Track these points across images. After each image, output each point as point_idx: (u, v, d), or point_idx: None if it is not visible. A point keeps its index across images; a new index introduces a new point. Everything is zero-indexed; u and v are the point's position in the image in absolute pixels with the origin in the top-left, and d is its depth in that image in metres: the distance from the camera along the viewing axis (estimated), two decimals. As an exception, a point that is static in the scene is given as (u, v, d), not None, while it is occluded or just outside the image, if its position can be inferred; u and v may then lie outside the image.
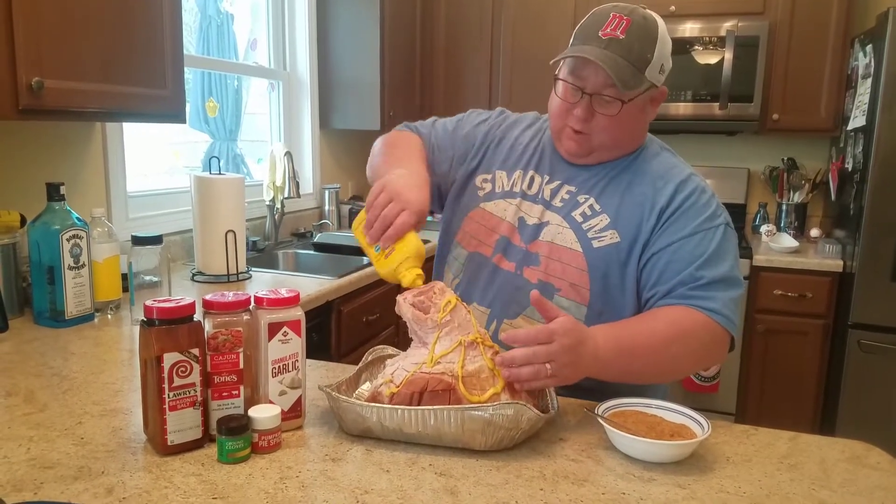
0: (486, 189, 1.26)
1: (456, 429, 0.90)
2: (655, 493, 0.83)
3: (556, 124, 1.19)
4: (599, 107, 1.11)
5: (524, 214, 1.20)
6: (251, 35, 2.93)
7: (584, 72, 1.10)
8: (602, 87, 1.09)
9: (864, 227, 2.37)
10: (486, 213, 1.23)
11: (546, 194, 1.20)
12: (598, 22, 1.09)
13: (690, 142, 3.27)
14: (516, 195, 1.22)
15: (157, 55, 1.67)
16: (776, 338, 2.64)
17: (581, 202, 1.17)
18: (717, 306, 1.06)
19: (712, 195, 1.16)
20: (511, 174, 1.25)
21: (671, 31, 2.81)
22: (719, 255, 1.09)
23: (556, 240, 1.16)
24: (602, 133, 1.13)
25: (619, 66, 1.06)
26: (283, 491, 0.82)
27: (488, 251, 1.21)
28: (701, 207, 1.12)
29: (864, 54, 2.48)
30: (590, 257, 1.13)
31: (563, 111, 1.15)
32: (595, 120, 1.12)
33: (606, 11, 1.10)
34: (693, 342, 1.05)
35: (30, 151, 1.79)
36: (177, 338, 0.88)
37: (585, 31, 1.11)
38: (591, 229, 1.15)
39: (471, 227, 1.24)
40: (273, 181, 2.62)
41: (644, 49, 1.08)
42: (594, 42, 1.08)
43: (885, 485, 0.86)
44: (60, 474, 0.85)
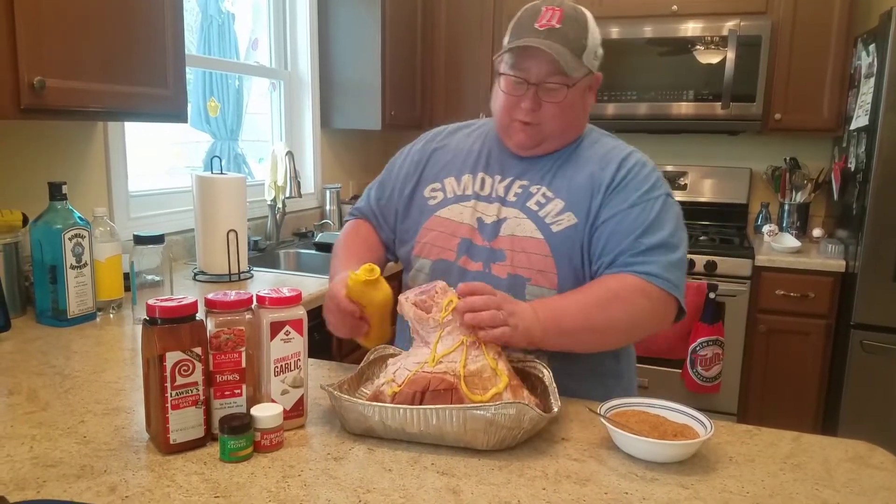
0: (437, 198, 1.27)
1: (458, 428, 0.90)
2: (658, 492, 0.83)
3: (503, 120, 1.21)
4: (545, 95, 1.15)
5: (481, 214, 1.22)
6: (252, 35, 2.93)
7: (526, 63, 1.14)
8: (546, 76, 1.13)
9: (867, 227, 2.37)
10: (443, 219, 1.24)
11: (500, 192, 1.23)
12: (532, 16, 1.14)
13: (693, 142, 3.26)
14: (470, 198, 1.24)
15: (158, 55, 1.67)
16: (778, 338, 2.63)
17: (534, 192, 1.20)
18: (655, 269, 1.09)
19: (653, 169, 1.21)
20: (460, 179, 1.27)
21: (673, 32, 2.84)
22: (658, 223, 1.13)
23: (517, 231, 1.18)
24: (551, 121, 1.17)
25: (562, 53, 1.11)
26: (286, 490, 0.82)
27: (451, 255, 1.22)
28: (641, 181, 1.17)
29: (867, 53, 2.48)
30: (551, 242, 1.16)
31: (509, 106, 1.18)
32: (543, 109, 1.16)
33: (538, 7, 1.15)
34: (628, 305, 1.08)
35: (32, 151, 1.79)
36: (179, 337, 0.88)
37: (522, 27, 1.15)
38: (547, 215, 1.18)
39: (429, 237, 1.25)
40: (274, 181, 2.62)
41: (579, 36, 1.13)
42: (533, 34, 1.12)
43: (889, 485, 0.86)
44: (63, 473, 0.85)
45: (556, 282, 1.16)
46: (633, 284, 1.09)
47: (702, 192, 3.21)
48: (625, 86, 2.92)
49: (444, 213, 1.25)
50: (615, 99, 2.94)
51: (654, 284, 1.09)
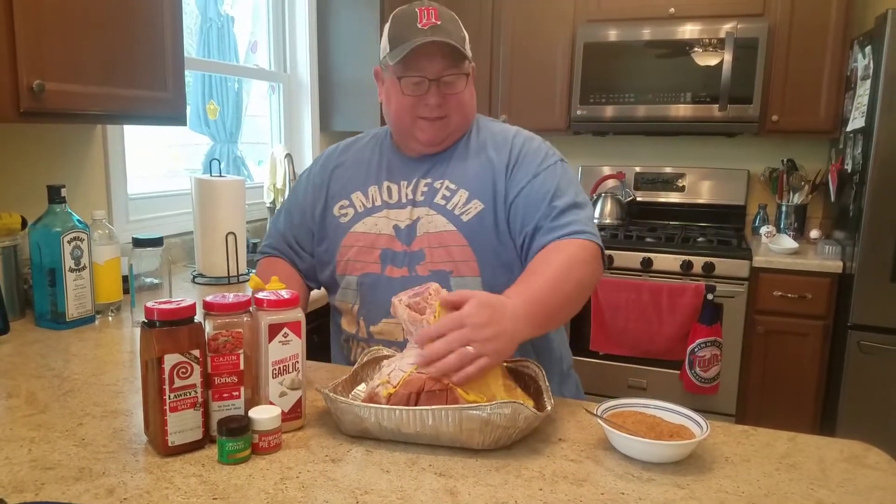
0: (348, 214, 1.29)
1: (454, 428, 0.90)
2: (654, 493, 0.83)
3: (404, 123, 1.24)
4: (447, 88, 1.20)
5: (395, 221, 1.25)
6: (251, 37, 2.94)
7: (420, 63, 1.17)
8: (442, 71, 1.18)
9: (864, 229, 2.37)
10: (359, 234, 1.27)
11: (408, 195, 1.27)
12: (411, 19, 1.17)
13: (690, 143, 3.27)
14: (380, 208, 1.27)
15: (157, 58, 1.67)
16: (776, 339, 2.64)
17: (438, 188, 1.25)
18: (579, 227, 1.17)
19: (541, 141, 1.29)
20: (367, 192, 1.30)
21: (671, 34, 2.85)
22: (563, 186, 1.21)
23: (430, 228, 1.23)
24: (456, 112, 1.23)
25: (454, 46, 1.16)
26: (284, 492, 0.82)
27: (376, 268, 1.24)
28: (534, 152, 1.25)
29: (864, 55, 2.49)
30: (464, 231, 1.21)
31: (411, 106, 1.21)
32: (448, 102, 1.21)
33: (410, 10, 1.19)
34: (583, 265, 1.13)
35: (31, 154, 1.79)
36: (177, 339, 0.88)
37: (404, 31, 1.17)
38: (455, 206, 1.23)
39: (350, 254, 1.27)
40: (273, 183, 2.63)
41: (457, 29, 1.19)
42: (420, 34, 1.15)
43: (884, 485, 0.86)
44: (61, 475, 0.85)
45: (477, 268, 1.21)
46: (576, 245, 1.14)
47: (700, 193, 3.22)
48: (623, 88, 2.93)
49: (359, 227, 1.27)
50: (613, 101, 2.95)
51: (586, 240, 1.15)
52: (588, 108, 2.99)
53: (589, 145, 3.43)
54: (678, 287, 2.62)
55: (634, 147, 3.37)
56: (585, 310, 2.70)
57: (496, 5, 3.15)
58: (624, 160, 3.39)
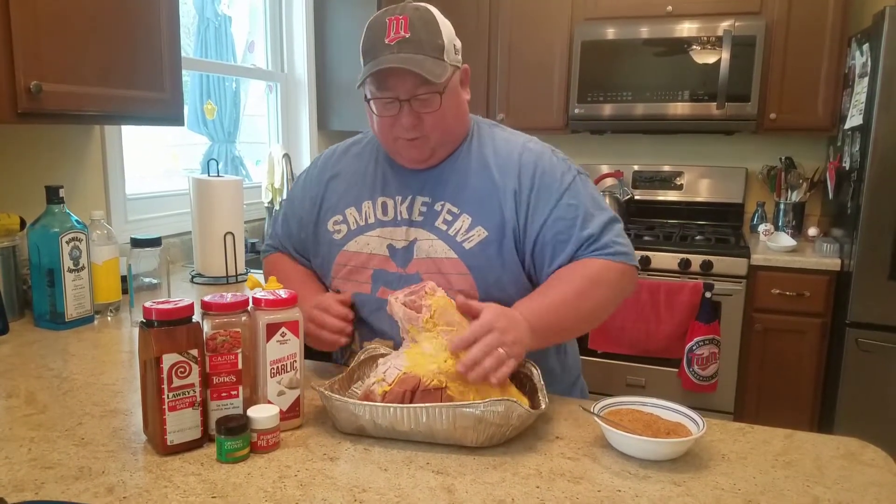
0: (341, 231, 1.24)
1: (448, 426, 0.91)
2: (651, 490, 0.84)
3: (386, 141, 1.19)
4: (420, 107, 1.11)
5: (390, 241, 1.19)
6: (249, 37, 2.94)
7: (389, 82, 1.09)
8: (414, 89, 1.09)
9: (862, 226, 2.38)
10: (351, 253, 1.22)
11: (403, 214, 1.20)
12: (379, 32, 1.09)
13: (688, 142, 3.27)
14: (374, 226, 1.21)
15: (154, 58, 1.67)
16: (774, 337, 2.64)
17: (439, 210, 1.18)
18: (612, 250, 1.14)
19: (552, 152, 1.20)
20: (361, 207, 1.23)
21: (668, 32, 2.85)
22: (588, 206, 1.16)
23: (431, 253, 1.16)
24: (435, 131, 1.14)
25: (421, 62, 1.06)
26: (282, 490, 0.82)
27: (367, 289, 1.20)
28: (550, 172, 1.16)
29: (861, 53, 2.49)
30: (466, 259, 1.15)
31: (388, 126, 1.14)
32: (423, 121, 1.12)
33: (381, 20, 1.10)
34: (604, 284, 1.12)
35: (29, 154, 1.80)
36: (176, 339, 0.88)
37: (372, 46, 1.10)
38: (457, 233, 1.16)
39: (343, 273, 1.22)
40: (272, 183, 2.63)
41: (432, 36, 1.08)
42: (385, 51, 1.07)
43: (879, 481, 0.87)
44: (61, 474, 0.85)
45: (478, 297, 1.14)
46: (601, 265, 1.13)
47: (698, 192, 3.22)
48: (620, 86, 2.93)
49: (351, 246, 1.22)
50: (611, 100, 2.95)
51: (616, 261, 1.14)
52: (586, 106, 2.99)
53: (587, 144, 3.43)
54: (676, 285, 2.62)
55: (632, 145, 3.38)
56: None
57: (493, 4, 3.15)
58: (622, 158, 3.39)
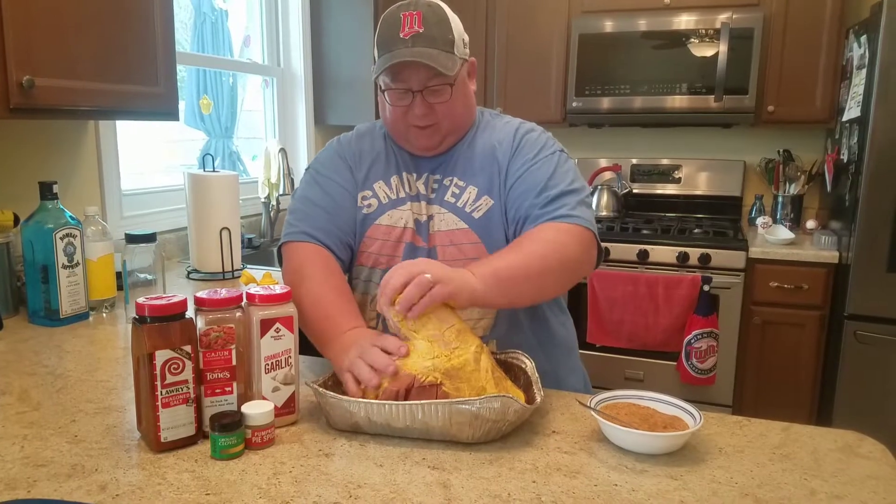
0: (372, 205, 1.26)
1: (444, 422, 0.90)
2: (647, 484, 0.84)
3: (398, 130, 1.24)
4: (432, 98, 1.18)
5: (417, 216, 1.24)
6: (245, 31, 2.92)
7: (403, 74, 1.16)
8: (426, 80, 1.16)
9: (860, 218, 2.37)
10: (384, 227, 1.25)
11: (422, 189, 1.26)
12: (394, 27, 1.15)
13: (686, 135, 3.26)
14: (405, 200, 1.25)
15: (149, 53, 1.66)
16: (772, 330, 2.64)
17: (448, 185, 1.25)
18: (565, 211, 1.16)
19: (542, 132, 1.28)
20: (390, 182, 1.27)
21: (666, 25, 2.84)
22: (558, 174, 1.20)
23: (442, 227, 1.22)
24: (446, 119, 1.21)
25: (434, 56, 1.13)
26: (277, 486, 0.82)
27: (398, 262, 1.19)
28: (533, 143, 1.24)
29: (859, 45, 2.48)
30: (476, 228, 1.21)
31: (400, 116, 1.21)
32: (434, 110, 1.19)
33: (395, 15, 1.16)
34: (555, 245, 1.12)
35: (22, 150, 1.78)
36: (168, 335, 0.88)
37: (387, 40, 1.16)
38: (465, 204, 1.22)
39: (374, 247, 1.24)
40: (268, 178, 2.62)
41: (444, 32, 1.15)
42: (400, 45, 1.14)
43: (877, 474, 0.86)
44: (54, 472, 0.85)
45: None
46: (551, 227, 1.15)
47: (696, 185, 3.21)
48: (618, 80, 2.92)
49: (384, 220, 1.25)
50: (609, 93, 2.94)
51: (569, 223, 1.15)
52: (584, 100, 2.98)
53: (585, 137, 3.42)
54: (674, 279, 2.62)
55: (630, 139, 3.37)
56: (582, 302, 2.72)
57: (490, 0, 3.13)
58: (620, 152, 3.38)
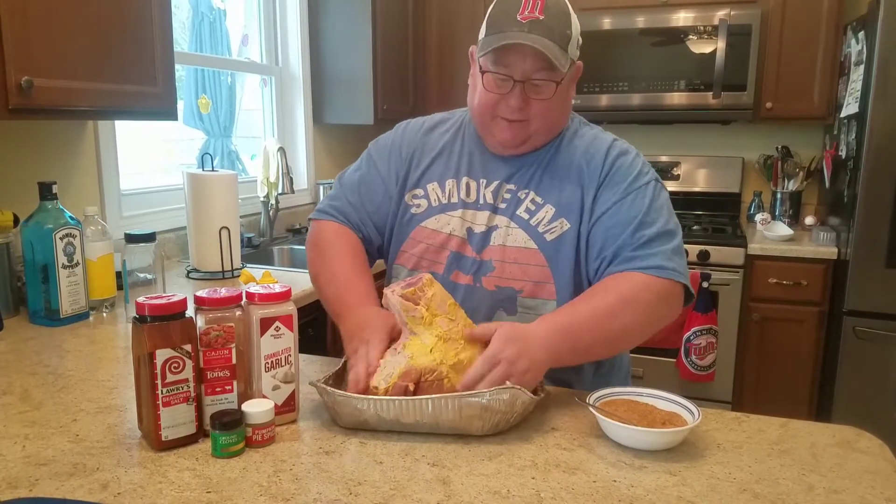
0: (421, 206, 1.20)
1: (454, 415, 0.91)
2: (646, 480, 0.84)
3: (484, 118, 1.14)
4: (532, 92, 1.08)
5: (470, 224, 1.16)
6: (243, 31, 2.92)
7: (509, 59, 1.06)
8: (532, 72, 1.06)
9: (858, 214, 2.38)
10: (430, 231, 1.18)
11: (488, 198, 1.17)
12: (512, 7, 1.05)
13: (685, 131, 3.27)
14: (457, 206, 1.18)
15: (147, 52, 1.66)
16: (771, 326, 2.64)
17: (523, 198, 1.15)
18: (659, 261, 1.06)
19: (637, 155, 1.17)
20: (444, 185, 1.20)
21: (664, 22, 2.84)
22: (653, 211, 1.10)
23: (507, 242, 1.14)
24: (539, 119, 1.11)
25: (550, 47, 1.04)
26: (277, 484, 0.82)
27: (440, 269, 1.17)
28: (627, 169, 1.13)
29: (857, 41, 2.48)
30: (546, 251, 1.12)
31: (492, 103, 1.11)
32: (530, 106, 1.10)
33: None
34: (640, 306, 1.04)
35: (21, 151, 1.79)
36: (169, 334, 0.88)
37: (502, 18, 1.06)
38: (539, 223, 1.14)
39: (417, 249, 1.19)
40: (267, 177, 2.62)
41: (563, 26, 1.06)
42: (516, 27, 1.04)
43: (874, 469, 0.87)
44: (55, 471, 0.85)
45: (555, 291, 1.12)
46: (641, 283, 1.05)
47: (695, 181, 3.22)
48: (617, 77, 2.92)
49: (430, 223, 1.18)
50: (607, 90, 2.95)
51: (661, 278, 1.05)
52: (582, 97, 2.98)
53: (583, 135, 3.42)
54: (673, 275, 2.62)
55: (629, 136, 3.31)
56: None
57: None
58: (619, 149, 3.38)
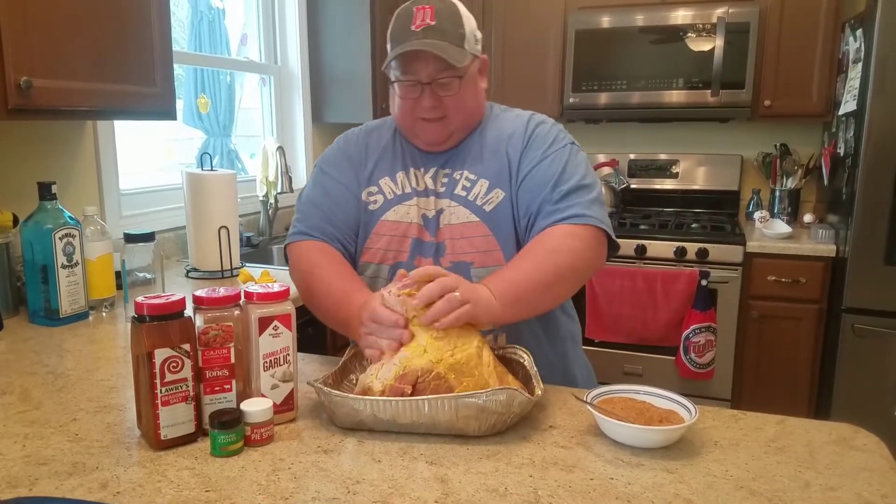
0: (378, 201, 1.26)
1: (451, 416, 0.91)
2: (643, 477, 0.84)
3: (406, 124, 1.25)
4: (440, 90, 1.18)
5: (424, 211, 1.24)
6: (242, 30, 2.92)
7: (413, 66, 1.17)
8: (435, 73, 1.17)
9: (857, 212, 2.38)
10: (391, 223, 1.24)
11: (430, 185, 1.26)
12: (407, 20, 1.17)
13: (684, 130, 3.27)
14: (411, 195, 1.25)
15: (146, 53, 1.67)
16: (770, 323, 2.65)
17: (458, 178, 1.25)
18: (577, 210, 1.16)
19: (554, 124, 1.28)
20: (395, 178, 1.27)
21: (662, 20, 2.84)
22: (569, 169, 1.20)
23: (453, 220, 1.22)
24: (454, 112, 1.21)
25: (443, 48, 1.14)
26: (276, 483, 0.83)
27: (405, 257, 1.23)
28: (545, 136, 1.24)
29: (855, 38, 2.48)
30: (488, 221, 1.21)
31: (409, 109, 1.22)
32: (443, 104, 1.19)
33: (408, 9, 1.18)
34: (567, 253, 1.12)
35: (21, 151, 1.79)
36: (167, 334, 0.88)
37: (399, 33, 1.18)
38: (476, 197, 1.22)
39: (381, 243, 1.25)
40: (266, 176, 2.63)
41: (455, 26, 1.17)
42: (411, 37, 1.15)
43: (870, 466, 0.87)
44: (55, 470, 0.86)
45: (502, 257, 1.20)
46: (564, 232, 1.14)
47: (693, 179, 3.22)
48: (615, 75, 2.93)
49: (390, 216, 1.24)
50: (606, 88, 2.95)
51: (580, 224, 1.15)
52: (581, 95, 2.99)
53: (582, 133, 3.43)
54: (672, 273, 2.62)
55: (628, 134, 3.37)
56: (580, 298, 2.72)
57: (486, -7, 3.13)
58: (617, 147, 3.38)
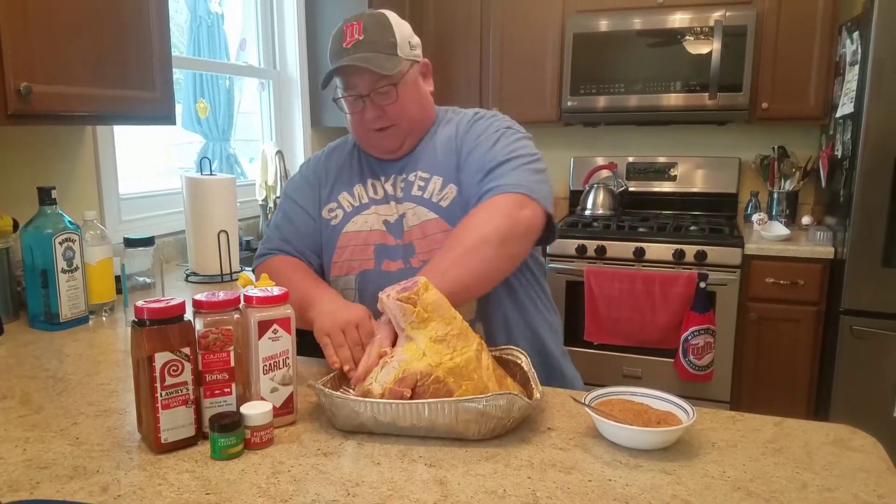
0: (338, 216, 1.32)
1: (450, 420, 0.91)
2: (641, 479, 0.85)
3: (360, 136, 1.31)
4: (380, 100, 1.23)
5: (385, 217, 1.28)
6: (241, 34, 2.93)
7: (350, 81, 1.23)
8: (372, 84, 1.21)
9: (854, 214, 2.38)
10: (352, 234, 1.29)
11: (389, 191, 1.30)
12: (339, 39, 1.23)
13: (681, 132, 3.28)
14: (368, 205, 1.30)
15: (145, 58, 1.67)
16: (769, 325, 2.65)
17: (413, 180, 1.29)
18: (494, 183, 1.18)
19: (496, 115, 1.32)
20: (353, 192, 1.33)
21: (660, 23, 2.85)
22: (497, 148, 1.23)
23: (414, 221, 1.25)
24: (400, 118, 1.25)
25: (371, 59, 1.19)
26: (276, 485, 0.83)
27: (371, 264, 1.26)
28: (483, 123, 1.29)
29: (852, 41, 2.49)
30: (446, 217, 1.24)
31: (358, 122, 1.27)
32: (386, 112, 1.24)
33: (341, 28, 1.24)
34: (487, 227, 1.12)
35: (20, 156, 1.79)
36: (167, 337, 0.89)
37: (333, 52, 1.24)
38: (432, 194, 1.26)
39: (346, 255, 1.29)
40: (265, 180, 2.63)
41: (385, 36, 1.22)
42: (343, 54, 1.21)
43: (868, 467, 0.88)
44: (56, 474, 0.86)
45: None
46: (488, 203, 1.16)
47: (691, 182, 3.23)
48: (613, 78, 2.94)
49: (350, 227, 1.29)
50: (604, 92, 2.96)
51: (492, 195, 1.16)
52: (579, 98, 3.00)
53: (580, 136, 3.44)
54: (671, 276, 2.63)
55: (626, 137, 3.38)
56: (579, 300, 2.73)
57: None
58: (616, 150, 3.39)
